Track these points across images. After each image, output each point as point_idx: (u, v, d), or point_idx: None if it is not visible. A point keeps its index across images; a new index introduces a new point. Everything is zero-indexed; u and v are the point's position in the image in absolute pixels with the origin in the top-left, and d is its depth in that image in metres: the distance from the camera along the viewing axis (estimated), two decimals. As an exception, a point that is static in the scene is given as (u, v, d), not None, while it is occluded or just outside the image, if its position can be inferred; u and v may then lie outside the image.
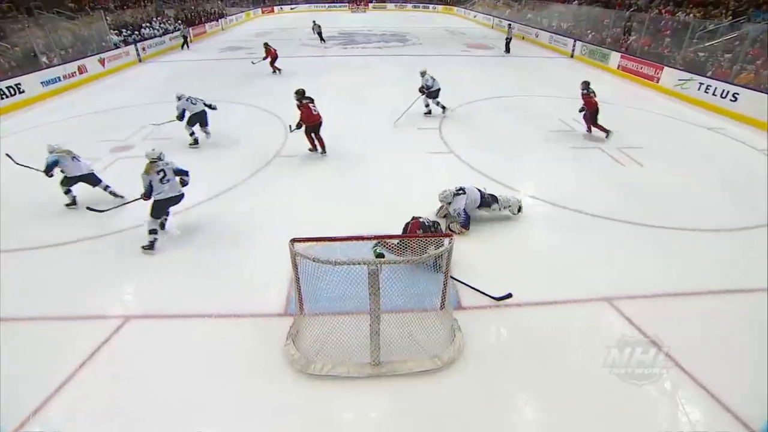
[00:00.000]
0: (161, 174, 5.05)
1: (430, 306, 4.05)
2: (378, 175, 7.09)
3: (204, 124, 8.40)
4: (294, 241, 3.29)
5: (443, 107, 10.13)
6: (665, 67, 12.87)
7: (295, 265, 3.37)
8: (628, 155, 8.00)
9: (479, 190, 5.66)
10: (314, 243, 3.40)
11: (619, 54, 15.23)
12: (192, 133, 8.41)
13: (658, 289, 4.56)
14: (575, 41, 18.28)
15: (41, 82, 12.14)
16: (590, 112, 8.75)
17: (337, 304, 3.88)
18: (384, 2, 43.87)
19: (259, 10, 38.19)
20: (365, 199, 6.36)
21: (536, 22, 23.83)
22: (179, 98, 7.98)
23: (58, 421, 3.26)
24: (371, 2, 43.45)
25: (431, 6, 42.51)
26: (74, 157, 6.06)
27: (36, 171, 6.00)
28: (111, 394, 3.46)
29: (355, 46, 20.79)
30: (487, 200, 5.65)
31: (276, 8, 40.67)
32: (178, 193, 5.24)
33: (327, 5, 43.21)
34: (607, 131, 8.65)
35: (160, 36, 19.93)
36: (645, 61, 13.83)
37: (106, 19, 17.41)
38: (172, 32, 21.15)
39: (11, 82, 11.17)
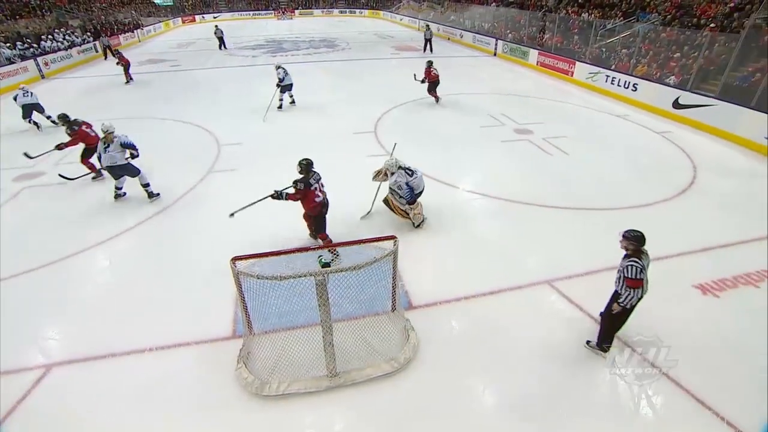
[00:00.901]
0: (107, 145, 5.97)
1: (382, 309, 4.06)
2: (324, 180, 6.97)
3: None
4: (235, 259, 3.15)
5: (293, 101, 11.29)
6: (577, 62, 14.01)
7: (239, 285, 3.22)
8: (553, 144, 8.58)
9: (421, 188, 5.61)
10: (257, 259, 3.27)
11: (537, 51, 16.33)
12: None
13: (590, 266, 4.92)
14: (497, 40, 19.33)
15: None
16: (430, 82, 11.18)
17: (287, 320, 3.78)
18: (310, 9, 43.53)
19: (179, 19, 36.23)
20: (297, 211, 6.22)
21: (459, 23, 24.88)
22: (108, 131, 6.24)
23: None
24: (297, 9, 42.91)
25: (357, 11, 42.86)
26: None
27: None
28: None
29: (284, 54, 20.39)
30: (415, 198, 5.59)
31: (198, 17, 38.80)
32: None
33: (252, 13, 42.02)
34: (437, 98, 11.41)
35: (66, 49, 18.16)
36: (559, 57, 14.96)
37: (-3, 32, 15.62)
38: (81, 44, 19.41)
39: None
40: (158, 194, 6.61)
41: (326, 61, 18.27)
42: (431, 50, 19.79)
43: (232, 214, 4.62)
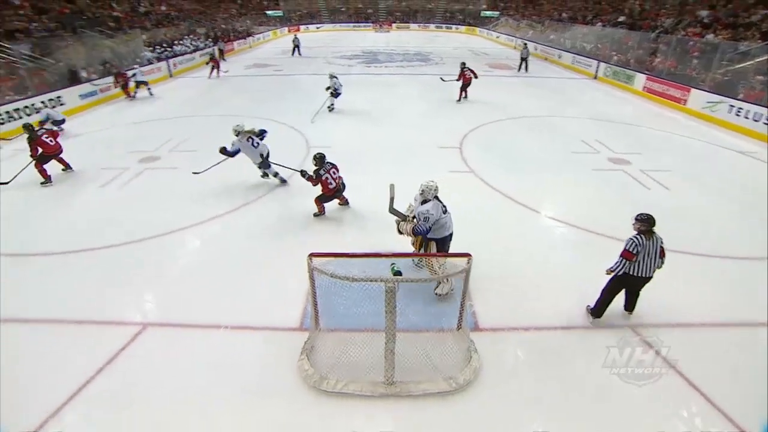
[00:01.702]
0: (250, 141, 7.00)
1: (447, 326, 3.99)
2: (399, 192, 7.09)
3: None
4: (312, 255, 3.31)
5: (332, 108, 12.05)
6: (692, 89, 12.62)
7: (312, 280, 3.38)
8: (653, 178, 7.82)
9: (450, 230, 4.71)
10: (332, 258, 3.41)
11: (645, 75, 15.04)
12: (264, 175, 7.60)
13: (682, 317, 4.39)
14: (599, 62, 18.18)
15: (80, 95, 12.75)
16: (464, 83, 12.92)
17: (353, 321, 3.87)
18: (407, 23, 44.69)
19: (286, 29, 39.42)
20: (383, 217, 6.36)
21: (559, 43, 23.86)
22: (237, 133, 7.00)
23: (73, 426, 3.32)
24: (395, 23, 44.34)
25: (454, 27, 43.08)
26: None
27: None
28: (125, 401, 3.51)
29: (378, 65, 21.15)
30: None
31: (302, 27, 41.89)
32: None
33: (352, 25, 44.28)
34: (461, 98, 13.24)
35: (191, 53, 20.76)
36: (672, 83, 13.60)
37: (143, 37, 18.31)
38: (203, 49, 22.00)
39: (53, 94, 11.78)
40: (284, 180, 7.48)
41: (418, 74, 18.59)
42: (526, 69, 19.20)
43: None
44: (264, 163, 7.26)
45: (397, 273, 3.45)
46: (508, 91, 15.63)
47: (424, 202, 4.46)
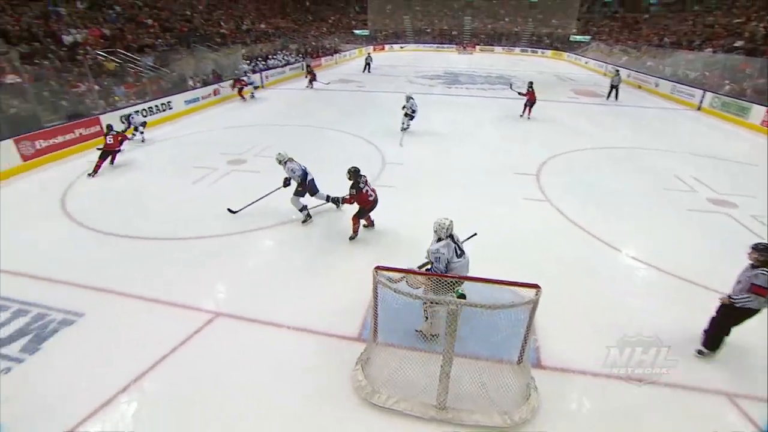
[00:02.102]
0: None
1: (507, 358, 3.81)
2: (468, 216, 6.98)
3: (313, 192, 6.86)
4: (378, 268, 3.36)
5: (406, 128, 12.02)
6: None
7: (375, 293, 3.43)
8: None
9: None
10: (398, 273, 3.44)
11: (766, 108, 13.29)
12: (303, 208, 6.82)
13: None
14: (704, 92, 16.49)
15: (185, 101, 14.39)
16: (530, 101, 13.62)
17: (411, 339, 3.85)
18: (492, 45, 44.37)
19: (371, 47, 41.11)
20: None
21: (657, 71, 22.12)
22: (283, 162, 6.67)
23: (149, 395, 3.67)
24: (479, 45, 44.26)
25: (540, 51, 41.93)
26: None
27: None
28: (190, 382, 3.80)
29: (459, 86, 21.18)
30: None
31: (387, 46, 43.41)
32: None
33: (435, 45, 45.00)
34: (525, 114, 13.95)
35: (282, 66, 22.49)
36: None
37: (242, 51, 20.26)
38: (293, 63, 23.71)
39: (164, 99, 13.46)
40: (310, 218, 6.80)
41: (499, 98, 18.30)
42: (616, 97, 17.97)
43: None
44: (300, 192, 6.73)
45: (461, 296, 3.38)
46: (594, 119, 14.77)
47: (438, 240, 4.06)
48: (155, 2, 21.67)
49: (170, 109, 13.55)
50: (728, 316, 3.91)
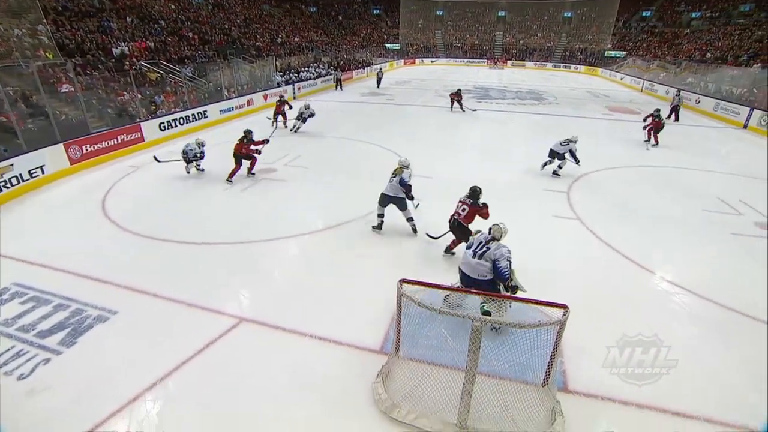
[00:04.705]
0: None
1: (531, 380, 3.69)
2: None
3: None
4: (403, 281, 3.35)
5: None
6: None
7: (399, 306, 3.41)
8: (816, 253, 6.42)
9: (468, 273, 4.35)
10: (423, 287, 3.41)
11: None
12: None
13: None
14: (752, 109, 15.72)
15: (220, 110, 14.97)
16: (656, 128, 12.56)
17: (433, 354, 3.79)
18: (523, 60, 44.05)
19: (402, 61, 41.59)
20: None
21: (699, 87, 21.32)
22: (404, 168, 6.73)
23: (173, 395, 3.76)
24: (510, 60, 44.02)
25: (573, 66, 41.27)
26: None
27: None
28: (212, 385, 3.86)
29: (489, 101, 21.07)
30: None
31: (417, 60, 43.83)
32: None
33: (466, 60, 45.07)
34: (654, 142, 12.68)
35: (314, 79, 23.03)
36: None
37: (276, 64, 20.91)
38: (324, 76, 24.26)
39: (201, 108, 14.05)
40: (415, 231, 6.68)
41: (530, 114, 18.09)
42: (677, 119, 16.66)
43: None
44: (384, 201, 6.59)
45: (486, 313, 3.31)
46: (629, 136, 14.33)
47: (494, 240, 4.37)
48: (197, 17, 22.79)
49: (206, 117, 14.11)
50: None
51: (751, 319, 4.87)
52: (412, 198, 6.52)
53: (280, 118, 13.68)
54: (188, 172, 9.24)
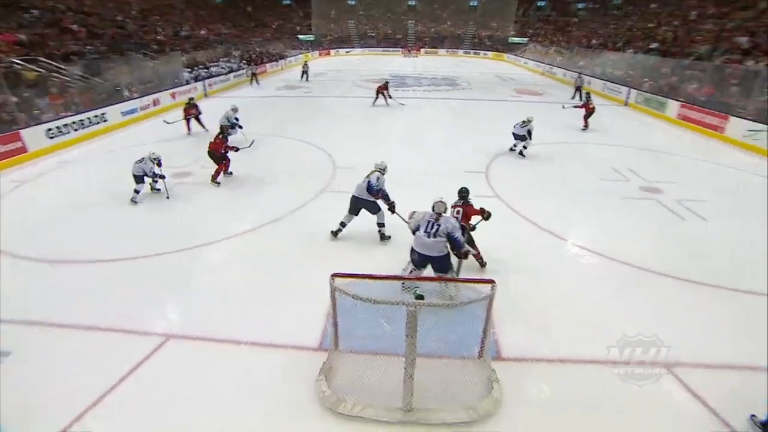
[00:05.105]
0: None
1: (468, 354, 3.89)
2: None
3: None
4: (335, 276, 3.32)
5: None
6: (731, 117, 12.22)
7: (333, 301, 3.38)
8: (689, 209, 7.52)
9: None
10: (354, 279, 3.40)
11: (679, 103, 14.70)
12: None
13: (723, 358, 4.13)
14: (629, 89, 17.92)
15: (121, 112, 13.51)
16: (588, 112, 12.79)
17: (372, 344, 3.82)
18: (436, 48, 45.56)
19: (317, 52, 40.82)
20: (404, 239, 6.34)
21: (590, 70, 23.71)
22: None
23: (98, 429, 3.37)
24: (423, 48, 45.26)
25: (482, 52, 43.63)
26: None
27: None
28: (145, 411, 3.55)
29: (406, 89, 21.49)
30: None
31: (332, 51, 43.31)
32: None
33: (381, 49, 45.48)
34: (584, 125, 13.02)
35: (226, 74, 21.75)
36: (708, 111, 13.22)
37: (182, 59, 19.35)
38: (237, 71, 23.00)
39: (98, 111, 12.53)
40: (389, 237, 6.29)
41: (446, 99, 18.79)
42: (581, 98, 18.72)
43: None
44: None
45: (420, 297, 3.41)
46: (536, 116, 15.47)
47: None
48: (81, 7, 20.21)
49: (105, 121, 12.66)
50: None
51: (645, 271, 5.58)
52: (392, 206, 5.93)
53: (193, 122, 12.37)
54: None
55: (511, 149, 10.59)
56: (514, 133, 10.32)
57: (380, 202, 6.05)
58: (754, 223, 7.05)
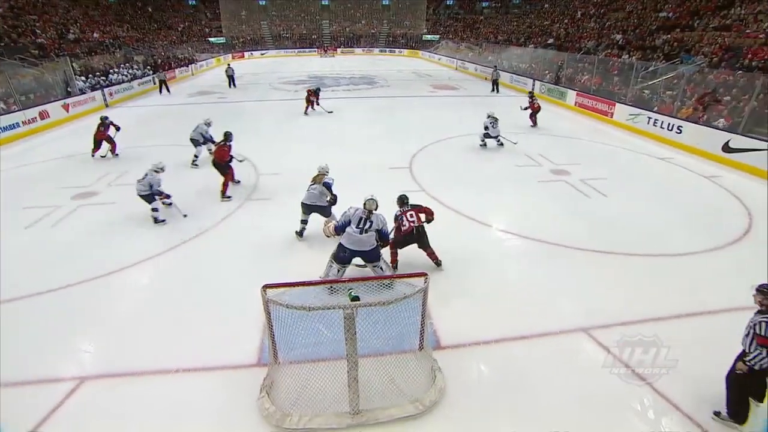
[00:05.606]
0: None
1: (409, 348, 3.97)
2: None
3: None
4: (266, 287, 3.19)
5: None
6: (617, 104, 13.83)
7: (267, 313, 3.25)
8: (591, 186, 8.37)
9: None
10: (287, 288, 3.30)
11: (575, 92, 16.30)
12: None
13: (631, 315, 4.65)
14: (534, 80, 19.48)
15: (1, 128, 11.74)
16: (534, 111, 13.17)
17: (313, 351, 3.74)
18: (352, 47, 45.74)
19: (230, 55, 38.92)
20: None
21: (497, 64, 25.36)
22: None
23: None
24: (339, 47, 45.20)
25: (397, 50, 44.64)
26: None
27: None
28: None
29: (325, 89, 21.30)
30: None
31: (246, 54, 41.59)
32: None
33: (296, 50, 44.62)
34: (534, 124, 13.24)
35: (128, 81, 19.85)
36: (599, 98, 14.84)
37: (73, 66, 17.24)
38: (141, 77, 21.14)
39: (-36, 128, 10.76)
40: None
41: (365, 98, 18.94)
42: (497, 91, 20.11)
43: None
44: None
45: (355, 298, 3.40)
46: (453, 110, 16.30)
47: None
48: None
49: (-22, 139, 10.95)
50: (747, 380, 3.17)
51: (563, 247, 6.10)
52: (334, 201, 6.14)
53: (105, 145, 10.32)
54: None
55: (481, 145, 10.96)
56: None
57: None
58: (641, 194, 8.06)
